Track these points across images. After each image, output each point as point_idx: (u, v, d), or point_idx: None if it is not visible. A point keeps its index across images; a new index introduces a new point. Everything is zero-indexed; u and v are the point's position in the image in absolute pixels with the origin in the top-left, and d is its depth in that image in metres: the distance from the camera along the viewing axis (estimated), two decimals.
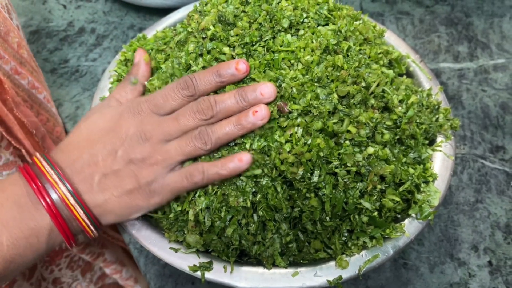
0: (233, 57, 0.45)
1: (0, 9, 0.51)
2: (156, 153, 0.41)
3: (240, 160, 0.41)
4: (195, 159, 0.43)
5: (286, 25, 0.46)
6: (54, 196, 0.40)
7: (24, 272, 0.55)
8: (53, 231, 0.40)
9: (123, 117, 0.43)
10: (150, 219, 0.45)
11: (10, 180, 0.42)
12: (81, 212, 0.40)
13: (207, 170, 0.41)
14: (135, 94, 0.48)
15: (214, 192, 0.42)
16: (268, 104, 0.42)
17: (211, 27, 0.46)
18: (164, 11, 0.65)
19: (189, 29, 0.49)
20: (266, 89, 0.42)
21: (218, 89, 0.44)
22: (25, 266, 0.41)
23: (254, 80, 0.43)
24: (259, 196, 0.41)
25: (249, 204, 0.41)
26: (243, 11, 0.48)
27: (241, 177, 0.42)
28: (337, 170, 0.40)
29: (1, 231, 0.39)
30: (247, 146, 0.42)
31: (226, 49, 0.45)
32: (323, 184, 0.40)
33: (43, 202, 0.39)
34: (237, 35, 0.45)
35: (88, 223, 0.41)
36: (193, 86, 0.43)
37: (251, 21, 0.46)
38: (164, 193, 0.42)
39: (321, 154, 0.40)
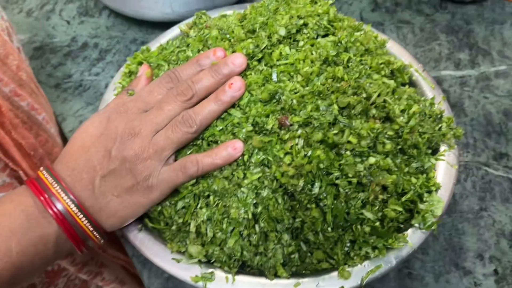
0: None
1: (0, 32, 0.52)
2: (147, 146, 0.42)
3: (234, 148, 0.42)
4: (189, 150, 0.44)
5: (283, 33, 0.46)
6: (59, 206, 0.40)
7: None
8: (61, 238, 0.41)
9: (110, 119, 0.44)
10: (153, 230, 0.45)
11: (18, 191, 0.42)
12: (85, 220, 0.41)
13: (201, 160, 0.42)
14: None
15: (215, 204, 0.42)
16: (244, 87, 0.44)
17: (213, 32, 0.47)
18: (165, 25, 0.66)
19: (189, 39, 0.50)
20: (236, 59, 0.44)
21: None
22: (33, 273, 0.42)
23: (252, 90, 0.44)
24: (260, 207, 0.41)
25: (250, 216, 0.41)
26: (241, 25, 0.48)
27: (242, 189, 0.42)
28: (338, 182, 0.40)
29: (10, 238, 0.39)
30: (245, 158, 0.42)
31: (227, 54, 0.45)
32: (324, 195, 0.40)
33: (51, 212, 0.40)
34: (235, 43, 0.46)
35: (92, 229, 0.42)
36: (176, 79, 0.44)
37: (247, 30, 0.47)
38: (162, 188, 0.43)
39: (321, 165, 0.40)
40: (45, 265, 0.42)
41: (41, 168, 0.43)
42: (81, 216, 0.41)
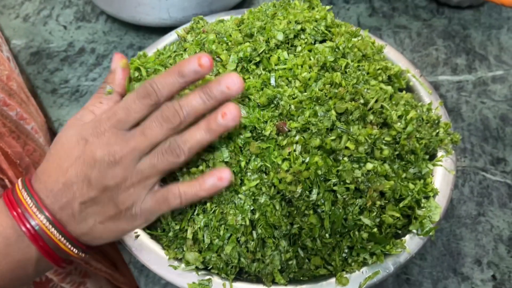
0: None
1: None
2: (129, 175, 0.39)
3: (220, 179, 0.39)
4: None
5: (280, 38, 0.46)
6: (33, 223, 0.39)
7: None
8: (41, 260, 0.40)
9: (88, 142, 0.40)
10: (150, 236, 0.45)
11: None
12: (63, 240, 0.39)
13: (184, 193, 0.40)
14: (110, 104, 0.44)
15: (212, 210, 0.42)
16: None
17: (210, 36, 0.47)
18: (163, 30, 0.66)
19: (186, 44, 0.50)
20: (231, 81, 0.38)
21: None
22: None
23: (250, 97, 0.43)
24: (257, 214, 0.41)
25: (247, 223, 0.41)
26: (238, 29, 0.48)
27: (240, 195, 0.41)
28: (335, 188, 0.40)
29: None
30: (242, 164, 0.42)
31: (223, 56, 0.45)
32: (322, 202, 0.40)
33: (23, 229, 0.38)
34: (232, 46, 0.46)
35: (71, 246, 0.40)
36: (154, 93, 0.39)
37: (244, 34, 0.47)
38: (145, 216, 0.41)
39: (319, 172, 0.40)
40: (25, 285, 0.41)
41: (19, 182, 0.41)
42: (59, 236, 0.39)
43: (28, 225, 0.38)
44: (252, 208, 0.41)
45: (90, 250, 0.43)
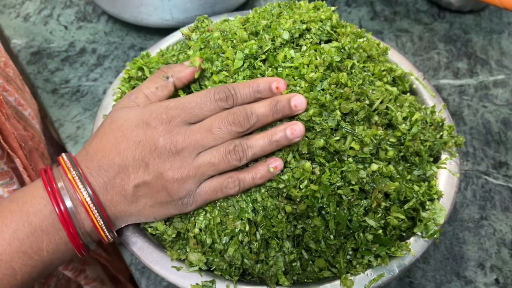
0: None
1: None
2: (187, 168, 0.40)
3: (275, 167, 0.41)
4: None
5: (286, 36, 0.46)
6: (68, 203, 0.38)
7: None
8: (61, 246, 0.40)
9: (150, 125, 0.40)
10: (152, 236, 0.45)
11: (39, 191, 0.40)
12: (100, 220, 0.39)
13: (243, 179, 0.41)
14: (165, 92, 0.45)
15: (214, 211, 0.42)
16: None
17: (215, 33, 0.47)
18: (164, 31, 0.66)
19: (190, 42, 0.49)
20: (299, 101, 0.41)
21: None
22: (58, 267, 0.41)
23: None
24: (259, 216, 0.41)
25: (247, 228, 0.41)
26: (243, 28, 0.48)
27: (240, 197, 0.41)
28: (340, 191, 0.40)
29: (41, 238, 0.38)
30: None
31: (228, 53, 0.45)
32: (327, 203, 0.40)
33: (56, 209, 0.38)
34: (238, 44, 0.46)
35: (106, 231, 0.40)
36: (232, 98, 0.41)
37: (250, 32, 0.47)
38: (197, 203, 0.41)
39: (324, 179, 0.40)
40: (61, 262, 0.42)
41: (63, 155, 0.41)
42: (96, 212, 0.39)
43: (61, 206, 0.38)
44: (253, 207, 0.41)
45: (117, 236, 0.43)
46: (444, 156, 0.48)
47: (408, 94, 0.51)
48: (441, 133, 0.48)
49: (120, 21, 0.79)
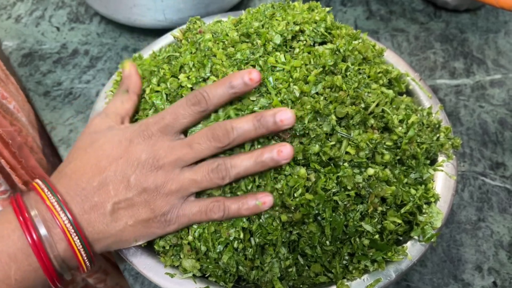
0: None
1: None
2: (169, 182, 0.39)
3: (264, 203, 0.39)
4: None
5: (278, 41, 0.45)
6: (42, 231, 0.37)
7: None
8: (31, 276, 0.38)
9: (132, 142, 0.41)
10: (145, 243, 0.44)
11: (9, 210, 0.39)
12: (79, 245, 0.38)
13: (228, 208, 0.40)
14: (131, 104, 0.47)
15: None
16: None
17: (206, 36, 0.46)
18: (158, 32, 0.65)
19: (182, 44, 0.49)
20: (285, 116, 0.38)
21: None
22: None
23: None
24: (255, 225, 0.40)
25: (241, 235, 0.40)
26: (235, 29, 0.47)
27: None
28: (335, 198, 0.40)
29: (9, 265, 0.37)
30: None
31: (218, 55, 0.44)
32: (323, 209, 0.39)
33: (28, 238, 0.37)
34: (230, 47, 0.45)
35: (85, 257, 0.39)
36: (204, 101, 0.40)
37: (241, 34, 0.46)
38: (180, 222, 0.41)
39: (319, 186, 0.39)
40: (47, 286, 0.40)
41: (37, 180, 0.40)
42: (75, 237, 0.38)
43: (34, 235, 0.37)
44: (248, 217, 0.41)
45: (95, 263, 0.41)
46: (441, 158, 0.47)
47: (405, 95, 0.50)
48: (437, 135, 0.48)
49: (113, 22, 0.78)
